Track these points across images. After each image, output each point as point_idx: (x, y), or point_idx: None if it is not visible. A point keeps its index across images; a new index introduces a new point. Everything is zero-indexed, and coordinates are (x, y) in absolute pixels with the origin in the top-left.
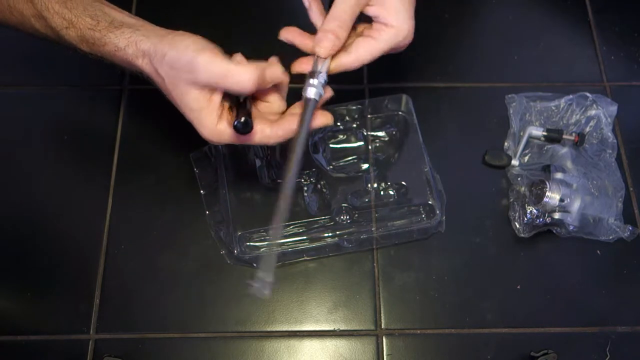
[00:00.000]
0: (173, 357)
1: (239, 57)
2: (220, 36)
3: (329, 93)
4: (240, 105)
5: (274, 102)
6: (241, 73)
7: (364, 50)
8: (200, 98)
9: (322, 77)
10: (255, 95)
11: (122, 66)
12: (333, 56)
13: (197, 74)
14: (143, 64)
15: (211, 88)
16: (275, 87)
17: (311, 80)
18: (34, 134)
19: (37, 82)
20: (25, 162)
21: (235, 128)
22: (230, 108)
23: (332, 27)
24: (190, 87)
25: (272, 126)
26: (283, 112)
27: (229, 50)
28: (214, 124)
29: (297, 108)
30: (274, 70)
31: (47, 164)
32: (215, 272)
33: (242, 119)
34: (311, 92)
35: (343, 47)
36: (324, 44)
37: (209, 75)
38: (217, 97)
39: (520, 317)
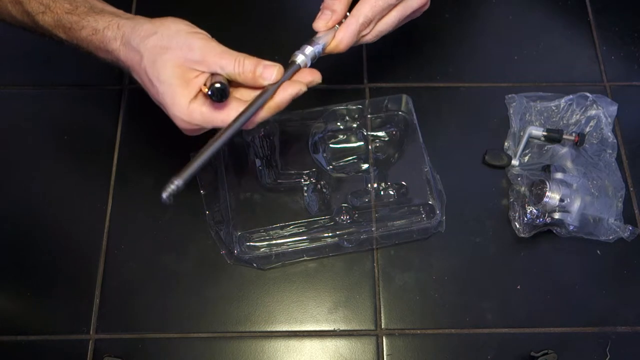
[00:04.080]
0: (173, 357)
1: None
2: (220, 36)
3: (315, 76)
4: (215, 76)
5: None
6: (238, 55)
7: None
8: (181, 74)
9: (317, 49)
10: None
11: (94, 54)
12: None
13: (193, 51)
14: (118, 46)
15: (198, 67)
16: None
17: (304, 47)
18: (34, 133)
19: (37, 82)
20: (25, 161)
21: (211, 93)
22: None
23: (329, 2)
24: (173, 63)
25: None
26: None
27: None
28: (187, 101)
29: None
30: (269, 69)
31: (47, 164)
32: (215, 272)
33: (218, 84)
34: (298, 57)
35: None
36: (319, 19)
37: (205, 51)
38: (201, 79)
39: (520, 317)
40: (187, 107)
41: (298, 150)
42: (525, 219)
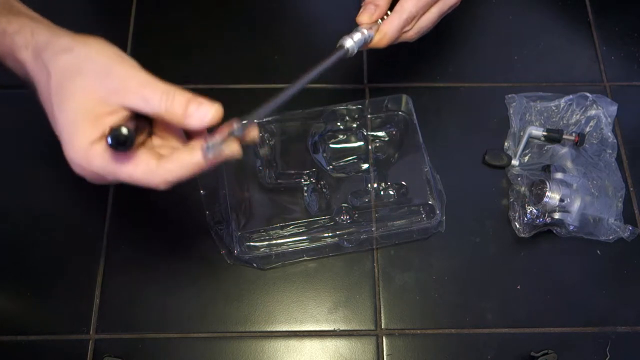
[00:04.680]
0: (173, 357)
1: None
2: (220, 36)
3: (253, 132)
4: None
5: (172, 140)
6: (169, 87)
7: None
8: (90, 107)
9: (364, 37)
10: (154, 131)
11: (1, 61)
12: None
13: (111, 77)
14: (26, 56)
15: (114, 98)
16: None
17: (352, 34)
18: (34, 133)
19: None
20: (25, 161)
21: (110, 140)
22: None
23: None
24: (83, 91)
25: (161, 160)
26: None
27: (229, 51)
28: (87, 142)
29: (197, 144)
30: (204, 108)
31: (47, 164)
32: (215, 272)
33: (123, 129)
34: (347, 42)
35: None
36: (363, 13)
37: (127, 79)
38: (114, 118)
39: (520, 317)
40: (87, 150)
41: (298, 150)
42: (525, 219)
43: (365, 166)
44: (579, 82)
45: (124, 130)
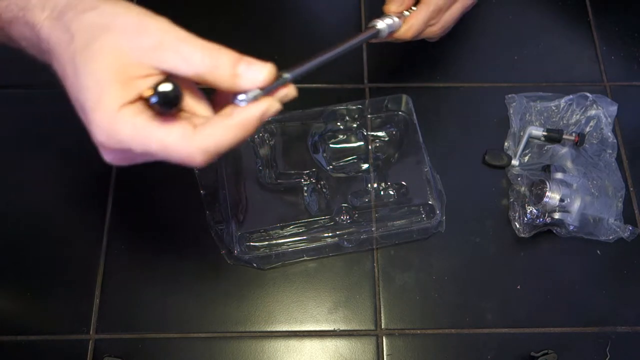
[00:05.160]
0: (173, 357)
1: None
2: (221, 37)
3: (290, 91)
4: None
5: (202, 115)
6: (212, 45)
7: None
8: (120, 68)
9: (394, 23)
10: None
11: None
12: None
13: (147, 33)
14: (44, 19)
15: (149, 58)
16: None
17: (384, 17)
18: (33, 133)
19: (37, 82)
20: (25, 161)
21: (156, 98)
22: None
23: None
24: (113, 49)
25: (200, 129)
26: None
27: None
28: (116, 105)
29: (230, 111)
30: (256, 68)
31: (47, 164)
32: (215, 272)
33: (169, 85)
34: (378, 23)
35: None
36: (392, 2)
37: (164, 35)
38: (148, 81)
39: (520, 317)
40: (115, 114)
41: (298, 150)
42: (525, 219)
43: (365, 166)
44: (579, 82)
45: (171, 86)
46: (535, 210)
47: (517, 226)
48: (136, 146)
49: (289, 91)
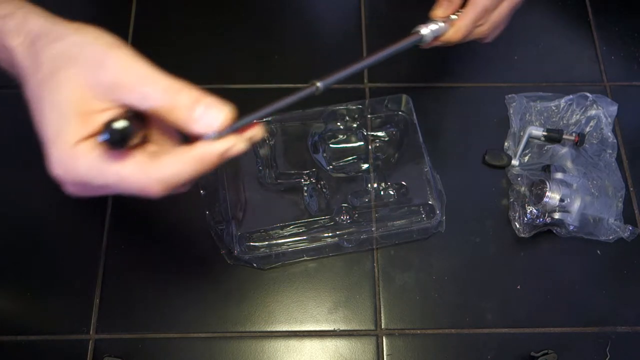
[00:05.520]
0: (173, 357)
1: None
2: (220, 36)
3: (257, 132)
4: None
5: (170, 147)
6: (173, 82)
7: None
8: (81, 101)
9: (440, 28)
10: (148, 135)
11: None
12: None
13: (105, 69)
14: (18, 44)
15: (109, 94)
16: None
17: (429, 23)
18: (33, 133)
19: None
20: (25, 161)
21: (108, 135)
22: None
23: None
24: (75, 83)
25: (156, 159)
26: None
27: (229, 51)
28: (74, 140)
29: (192, 147)
30: (214, 111)
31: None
32: (215, 272)
33: (121, 123)
34: (423, 29)
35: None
36: (438, 7)
37: (123, 71)
38: (106, 115)
39: (520, 317)
40: (72, 149)
41: (298, 150)
42: (525, 219)
43: (365, 166)
44: (579, 82)
45: (122, 124)
46: (535, 210)
47: (517, 226)
48: (93, 180)
49: (257, 132)
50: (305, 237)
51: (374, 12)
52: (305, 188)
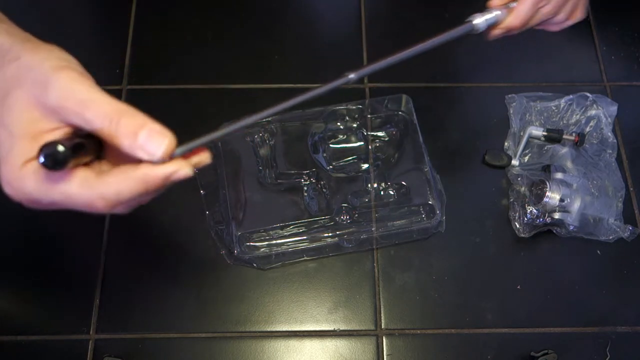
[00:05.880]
0: (173, 357)
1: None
2: (220, 36)
3: (204, 158)
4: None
5: (118, 162)
6: (117, 108)
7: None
8: (29, 122)
9: (494, 17)
10: (104, 153)
11: None
12: None
13: (48, 92)
14: None
15: (54, 116)
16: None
17: (485, 12)
18: None
19: None
20: None
21: (43, 158)
22: None
23: None
24: (24, 104)
25: (101, 176)
26: None
27: (228, 51)
28: (21, 161)
29: (136, 168)
30: (156, 139)
31: None
32: (215, 272)
33: (55, 146)
34: (476, 19)
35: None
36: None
37: (65, 96)
38: (56, 134)
39: (520, 317)
40: (20, 169)
41: (298, 150)
42: (525, 219)
43: (365, 166)
44: (579, 82)
45: (58, 148)
46: (535, 210)
47: (517, 226)
48: (41, 199)
49: (203, 158)
50: (305, 237)
51: (374, 12)
52: (305, 188)
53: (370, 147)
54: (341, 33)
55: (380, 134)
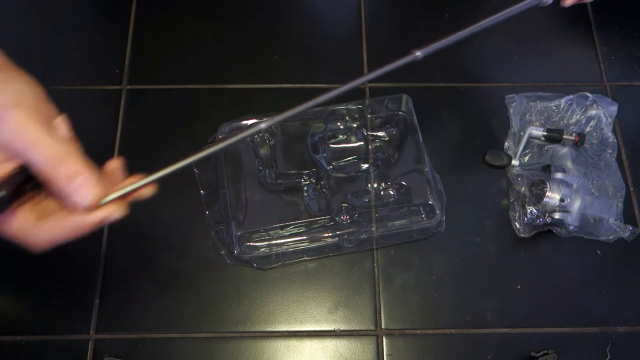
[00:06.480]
0: (173, 357)
1: (62, 126)
2: (220, 36)
3: (146, 192)
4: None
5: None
6: (60, 153)
7: None
8: None
9: None
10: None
11: None
12: None
13: (2, 128)
14: None
15: (6, 152)
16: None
17: None
18: None
19: (37, 82)
20: None
21: None
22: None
23: None
24: None
25: (38, 224)
26: None
27: (229, 51)
28: None
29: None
30: (88, 187)
31: None
32: (215, 272)
33: None
34: None
35: None
36: None
37: (16, 135)
38: (8, 165)
39: (520, 317)
40: None
41: (298, 150)
42: (526, 219)
43: (365, 166)
44: (579, 82)
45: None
46: (535, 210)
47: (517, 226)
48: None
49: (145, 192)
50: (305, 237)
51: (374, 12)
52: (305, 188)
53: (370, 147)
54: (341, 33)
55: (380, 134)
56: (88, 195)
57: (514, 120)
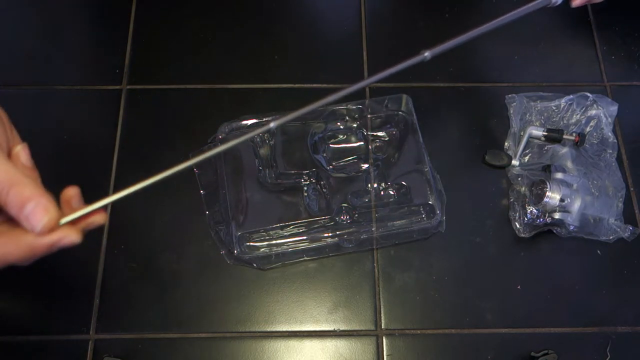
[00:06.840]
0: (173, 357)
1: (22, 154)
2: (221, 36)
3: (97, 219)
4: None
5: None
6: (13, 179)
7: None
8: None
9: None
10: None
11: None
12: None
13: None
14: None
15: None
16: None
17: None
18: (33, 134)
19: (37, 82)
20: None
21: None
22: None
23: None
24: None
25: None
26: None
27: (229, 51)
28: None
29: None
30: (39, 213)
31: (46, 164)
32: (215, 272)
33: None
34: None
35: None
36: None
37: None
38: None
39: (520, 317)
40: None
41: (298, 150)
42: (526, 219)
43: (365, 166)
44: (579, 82)
45: None
46: (535, 210)
47: (517, 226)
48: None
49: (97, 219)
50: (305, 237)
51: (374, 12)
52: (305, 188)
53: (370, 147)
54: (341, 33)
55: (380, 134)
56: (40, 222)
57: (514, 120)
